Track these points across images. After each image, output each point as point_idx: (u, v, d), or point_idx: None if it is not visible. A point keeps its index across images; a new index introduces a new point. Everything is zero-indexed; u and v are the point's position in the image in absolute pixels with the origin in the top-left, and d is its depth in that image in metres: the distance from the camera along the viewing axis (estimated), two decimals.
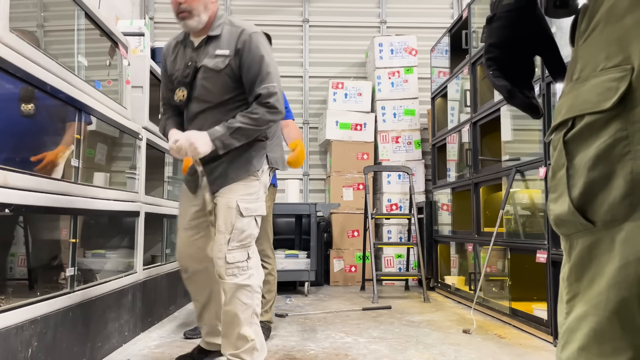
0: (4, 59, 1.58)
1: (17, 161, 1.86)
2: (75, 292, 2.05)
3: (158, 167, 3.42)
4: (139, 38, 3.99)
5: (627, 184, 0.57)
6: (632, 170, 0.56)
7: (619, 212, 0.58)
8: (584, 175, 0.61)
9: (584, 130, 0.61)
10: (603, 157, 0.59)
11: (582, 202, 0.61)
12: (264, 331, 2.59)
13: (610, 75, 0.59)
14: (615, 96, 0.57)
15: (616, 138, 0.58)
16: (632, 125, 0.57)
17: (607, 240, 0.59)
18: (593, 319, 0.60)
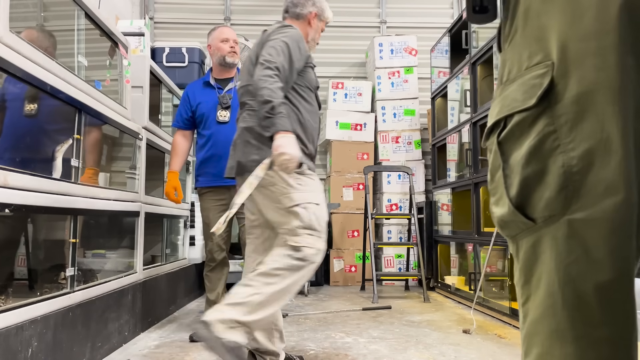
0: (4, 59, 1.58)
1: (18, 161, 1.86)
2: (75, 292, 2.05)
3: (158, 167, 3.42)
4: (139, 38, 3.99)
5: (559, 177, 0.58)
6: (564, 163, 0.57)
7: (556, 206, 0.58)
8: (518, 173, 0.61)
9: (515, 129, 0.61)
10: (535, 154, 0.59)
11: (520, 200, 0.62)
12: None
13: (533, 73, 0.60)
14: (539, 92, 0.58)
15: (545, 133, 0.59)
16: (557, 119, 0.58)
17: (549, 236, 0.60)
18: (551, 321, 0.60)
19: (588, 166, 0.57)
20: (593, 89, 0.56)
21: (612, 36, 0.55)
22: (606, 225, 0.56)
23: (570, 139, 0.57)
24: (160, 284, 3.16)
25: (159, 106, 3.42)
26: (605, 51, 0.55)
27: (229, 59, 2.75)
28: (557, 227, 0.59)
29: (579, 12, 0.57)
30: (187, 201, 3.96)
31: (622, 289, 0.56)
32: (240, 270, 4.08)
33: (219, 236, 2.64)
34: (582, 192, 0.57)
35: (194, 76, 4.80)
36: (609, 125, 0.55)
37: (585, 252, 0.57)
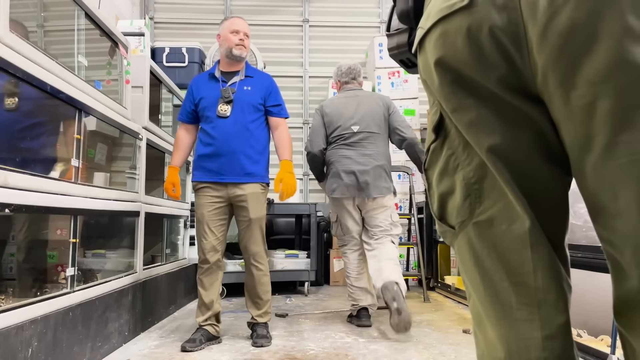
0: (4, 59, 1.58)
1: (17, 161, 1.86)
2: (75, 292, 2.05)
3: (158, 167, 3.42)
4: (139, 38, 3.99)
5: (463, 189, 0.70)
6: (464, 177, 0.70)
7: (464, 213, 0.71)
8: (436, 190, 0.76)
9: (432, 157, 0.76)
10: (444, 173, 0.73)
11: (440, 212, 0.76)
12: (266, 329, 2.58)
13: (432, 112, 0.75)
14: (432, 126, 0.74)
15: (447, 156, 0.73)
16: (453, 144, 0.72)
17: (464, 238, 0.72)
18: (480, 309, 0.72)
19: (483, 175, 0.68)
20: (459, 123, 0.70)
21: (446, 88, 0.69)
22: (506, 224, 0.67)
23: (465, 156, 0.70)
24: (160, 284, 3.16)
25: (159, 106, 3.42)
26: (447, 97, 0.70)
27: (236, 51, 2.64)
28: (468, 230, 0.71)
29: (429, 70, 0.71)
30: (187, 201, 3.96)
31: (527, 273, 0.66)
32: (241, 270, 4.08)
33: (213, 236, 2.58)
34: (482, 198, 0.69)
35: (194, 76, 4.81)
36: (481, 141, 0.67)
37: (494, 247, 0.68)
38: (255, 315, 2.60)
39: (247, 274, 2.66)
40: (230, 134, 2.54)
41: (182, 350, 2.41)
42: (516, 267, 0.67)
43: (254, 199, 2.57)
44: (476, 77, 0.65)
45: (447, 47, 0.66)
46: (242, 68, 2.71)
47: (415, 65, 0.87)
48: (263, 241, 2.65)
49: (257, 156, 2.61)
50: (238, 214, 2.62)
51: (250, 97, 2.61)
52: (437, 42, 0.68)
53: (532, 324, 0.66)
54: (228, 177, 2.55)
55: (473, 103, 0.66)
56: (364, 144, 3.03)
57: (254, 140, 2.60)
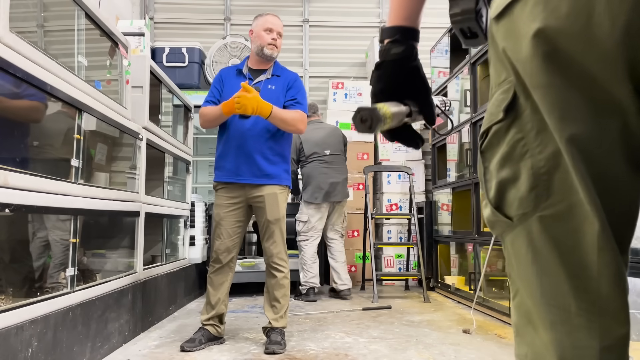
0: (4, 59, 1.58)
1: (18, 161, 1.86)
2: (75, 292, 2.05)
3: (158, 167, 3.42)
4: (139, 38, 3.99)
5: (529, 178, 0.64)
6: (532, 166, 0.64)
7: (528, 205, 0.65)
8: (495, 176, 0.69)
9: (493, 139, 0.69)
10: (508, 158, 0.67)
11: (498, 200, 0.69)
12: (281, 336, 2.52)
13: (502, 89, 0.68)
14: (504, 105, 0.67)
15: (515, 140, 0.66)
16: (524, 127, 0.65)
17: (524, 232, 0.66)
18: (534, 311, 0.66)
19: (554, 167, 0.63)
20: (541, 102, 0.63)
21: (538, 60, 0.62)
22: (574, 222, 0.62)
23: (537, 143, 0.64)
24: (160, 284, 3.16)
25: (159, 106, 3.42)
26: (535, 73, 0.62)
27: (267, 51, 2.57)
28: (530, 223, 0.65)
29: (516, 38, 0.64)
30: (187, 201, 3.96)
31: (593, 277, 0.61)
32: (241, 270, 4.08)
33: (228, 237, 2.55)
34: (550, 190, 0.63)
35: (194, 76, 4.81)
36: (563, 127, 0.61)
37: (557, 245, 0.63)
38: (271, 318, 2.56)
39: (267, 276, 2.62)
40: (249, 134, 2.51)
41: (181, 350, 2.41)
42: (579, 270, 0.62)
43: (271, 200, 2.53)
44: (576, 52, 0.59)
45: (549, 13, 0.59)
46: (271, 67, 2.66)
47: (475, 36, 0.82)
48: (283, 243, 2.60)
49: (276, 157, 2.56)
50: (256, 215, 2.60)
51: (273, 97, 2.53)
52: (536, 8, 0.60)
53: (590, 332, 0.61)
54: (245, 178, 2.52)
55: (564, 82, 0.60)
56: (334, 163, 4.21)
57: (274, 142, 2.54)
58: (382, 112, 0.78)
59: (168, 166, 3.62)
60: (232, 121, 2.54)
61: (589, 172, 0.61)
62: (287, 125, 2.50)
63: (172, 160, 3.71)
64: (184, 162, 3.95)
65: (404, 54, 0.85)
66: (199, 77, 4.84)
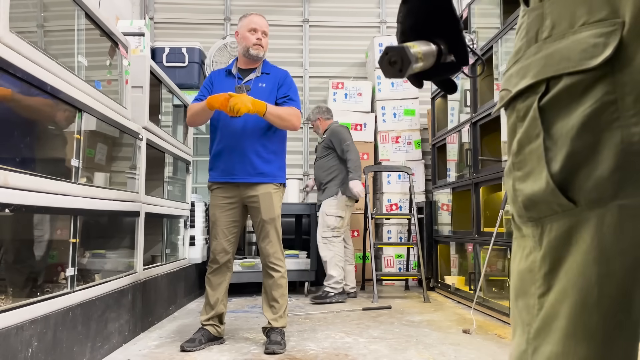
0: (4, 59, 1.58)
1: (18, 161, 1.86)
2: (75, 292, 2.05)
3: (158, 167, 3.42)
4: (139, 38, 3.99)
5: (616, 156, 0.50)
6: (622, 139, 0.50)
7: (607, 189, 0.51)
8: (566, 145, 0.53)
9: (563, 94, 0.53)
10: (588, 125, 0.51)
11: (564, 177, 0.53)
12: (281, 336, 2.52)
13: (595, 31, 0.51)
14: (606, 52, 0.50)
15: (603, 102, 0.50)
16: (621, 87, 0.50)
17: (592, 222, 0.52)
18: (578, 318, 0.53)
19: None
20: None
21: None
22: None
23: (635, 111, 0.49)
24: (160, 284, 3.16)
25: (159, 106, 3.42)
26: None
27: (253, 51, 2.59)
28: (604, 212, 0.51)
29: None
30: (187, 201, 3.96)
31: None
32: (241, 270, 4.08)
33: (224, 238, 2.56)
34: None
35: (194, 76, 4.81)
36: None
37: (636, 246, 0.50)
38: (270, 319, 2.56)
39: (264, 276, 2.61)
40: (242, 132, 2.51)
41: (181, 350, 2.41)
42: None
43: (265, 199, 2.53)
44: None
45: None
46: (259, 65, 2.67)
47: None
48: (279, 242, 2.60)
49: (270, 155, 2.56)
50: (251, 215, 2.61)
51: (264, 95, 2.54)
52: None
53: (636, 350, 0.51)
54: (239, 177, 2.53)
55: None
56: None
57: (267, 140, 2.55)
58: (414, 52, 0.67)
59: (168, 166, 3.62)
60: (224, 121, 2.54)
61: None
62: (283, 121, 2.50)
63: (172, 160, 3.71)
64: (184, 162, 3.95)
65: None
66: (199, 77, 4.84)
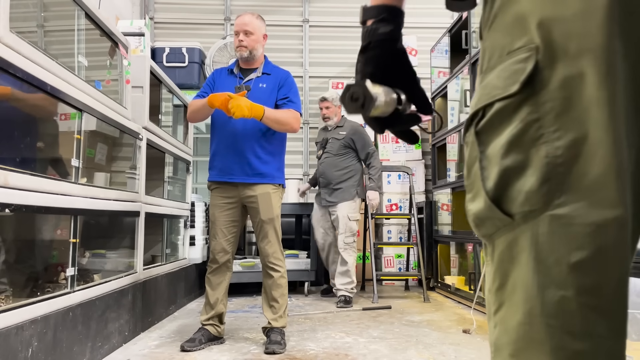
0: (4, 59, 1.58)
1: (18, 161, 1.86)
2: (75, 292, 2.05)
3: (158, 167, 3.42)
4: (139, 38, 4.00)
5: (542, 169, 0.53)
6: (547, 154, 0.53)
7: (537, 201, 0.53)
8: (497, 164, 0.56)
9: (495, 118, 0.57)
10: (516, 143, 0.55)
11: (498, 193, 0.57)
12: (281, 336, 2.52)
13: (517, 57, 0.56)
14: (522, 77, 0.54)
15: (527, 122, 0.54)
16: (542, 107, 0.54)
17: (527, 234, 0.54)
18: (527, 330, 0.55)
19: (574, 157, 0.52)
20: (581, 73, 0.52)
21: (598, 16, 0.51)
22: (594, 226, 0.51)
23: (556, 127, 0.53)
24: (160, 284, 3.16)
25: (159, 106, 3.42)
26: (591, 32, 0.51)
27: (237, 53, 2.61)
28: (537, 223, 0.54)
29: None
30: (187, 201, 3.96)
31: (609, 294, 0.52)
32: (241, 270, 4.08)
33: (224, 237, 2.56)
34: (566, 185, 0.52)
35: (194, 76, 4.81)
36: (598, 112, 0.52)
37: (569, 252, 0.52)
38: (270, 319, 2.56)
39: (264, 276, 2.62)
40: (241, 132, 2.51)
41: (181, 350, 2.41)
42: (595, 287, 0.51)
43: (264, 199, 2.53)
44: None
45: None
46: (261, 65, 2.66)
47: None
48: (278, 242, 2.60)
49: (268, 156, 2.56)
50: (251, 215, 2.61)
51: (264, 95, 2.54)
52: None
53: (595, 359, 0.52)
54: (238, 177, 2.53)
55: (620, 47, 0.50)
56: None
57: (265, 140, 2.54)
58: (374, 91, 0.70)
59: (168, 166, 3.62)
60: (223, 120, 2.54)
61: (624, 171, 0.51)
62: (281, 125, 2.50)
63: (172, 160, 3.71)
64: (184, 162, 3.95)
65: (392, 34, 0.76)
66: (199, 77, 4.84)
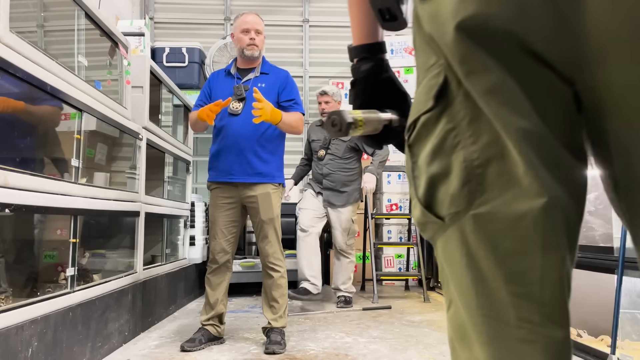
0: (4, 59, 1.58)
1: (18, 161, 1.86)
2: (75, 292, 2.05)
3: (158, 167, 3.42)
4: (139, 38, 3.99)
5: (462, 172, 0.57)
6: (465, 158, 0.57)
7: (461, 202, 0.58)
8: (425, 172, 0.62)
9: (421, 130, 0.62)
10: (438, 151, 0.60)
11: (428, 198, 0.62)
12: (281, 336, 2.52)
13: (431, 74, 0.61)
14: (433, 92, 0.60)
15: (445, 131, 0.59)
16: (456, 116, 0.58)
17: (457, 234, 0.59)
18: (469, 323, 0.59)
19: (490, 158, 0.56)
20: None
21: (449, 39, 0.57)
22: (513, 219, 0.55)
23: (470, 133, 0.57)
24: (160, 284, 3.16)
25: (159, 106, 3.42)
26: (462, 58, 0.56)
27: (248, 52, 2.60)
28: (463, 223, 0.58)
29: (443, 22, 0.57)
30: (187, 201, 3.96)
31: (534, 281, 0.55)
32: (241, 270, 4.08)
33: (223, 237, 2.56)
34: (485, 185, 0.56)
35: (194, 76, 4.81)
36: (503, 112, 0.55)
37: (494, 247, 0.56)
38: (270, 319, 2.56)
39: (264, 276, 2.62)
40: (240, 132, 2.51)
41: (181, 350, 2.41)
42: (520, 275, 0.55)
43: (264, 199, 2.53)
44: (508, 38, 0.54)
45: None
46: (259, 65, 2.67)
47: (395, 19, 0.76)
48: (278, 242, 2.60)
49: (268, 156, 2.56)
50: (250, 215, 2.61)
51: (263, 95, 2.51)
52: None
53: (533, 346, 0.55)
54: (238, 177, 2.53)
55: (498, 67, 0.54)
56: None
57: (265, 140, 2.55)
58: (352, 116, 0.80)
59: (168, 166, 3.62)
60: (224, 120, 2.55)
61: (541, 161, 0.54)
62: (292, 128, 2.55)
63: (172, 160, 3.71)
64: (184, 162, 3.95)
65: (373, 69, 0.86)
66: (199, 77, 4.84)
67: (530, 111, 0.54)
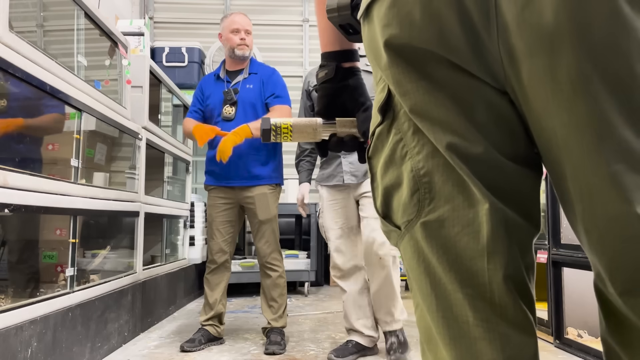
0: (4, 58, 1.58)
1: (17, 161, 1.86)
2: (75, 292, 2.05)
3: (158, 167, 3.42)
4: (139, 38, 3.99)
5: (410, 182, 0.59)
6: (412, 168, 0.59)
7: (412, 211, 0.60)
8: (380, 183, 0.64)
9: (377, 143, 0.64)
10: (390, 162, 0.62)
11: (385, 209, 0.64)
12: (281, 336, 2.52)
13: (379, 89, 0.64)
14: (379, 105, 0.62)
15: (395, 142, 0.61)
16: (402, 128, 0.60)
17: (412, 241, 0.61)
18: (430, 325, 0.60)
19: (435, 167, 0.58)
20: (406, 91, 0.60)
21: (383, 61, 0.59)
22: (460, 224, 0.57)
23: (415, 143, 0.59)
24: (160, 284, 3.16)
25: (159, 106, 3.42)
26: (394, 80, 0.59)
27: (238, 52, 2.60)
28: (415, 231, 0.60)
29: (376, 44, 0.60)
30: (187, 201, 3.96)
31: (484, 283, 0.56)
32: (241, 270, 4.08)
33: (221, 237, 2.57)
34: (432, 193, 0.58)
35: (194, 76, 4.81)
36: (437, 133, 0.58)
37: (445, 253, 0.58)
38: (270, 319, 2.57)
39: (262, 276, 2.62)
40: None
41: (181, 351, 2.41)
42: (470, 277, 0.57)
43: (261, 200, 2.54)
44: (434, 58, 0.56)
45: (402, 19, 0.56)
46: (247, 66, 2.66)
47: (358, 32, 0.77)
48: (276, 242, 2.61)
49: (264, 158, 2.56)
50: (248, 216, 2.62)
51: (252, 97, 2.56)
52: (389, 12, 0.57)
53: (491, 344, 0.56)
54: (235, 181, 2.54)
55: (430, 87, 0.56)
56: None
57: (261, 143, 2.54)
58: (275, 123, 0.81)
59: (168, 166, 3.61)
60: (218, 126, 2.55)
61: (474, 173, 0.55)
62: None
63: (171, 160, 3.71)
64: (184, 162, 3.94)
65: (327, 76, 0.85)
66: (199, 77, 4.84)
67: (462, 126, 0.56)
